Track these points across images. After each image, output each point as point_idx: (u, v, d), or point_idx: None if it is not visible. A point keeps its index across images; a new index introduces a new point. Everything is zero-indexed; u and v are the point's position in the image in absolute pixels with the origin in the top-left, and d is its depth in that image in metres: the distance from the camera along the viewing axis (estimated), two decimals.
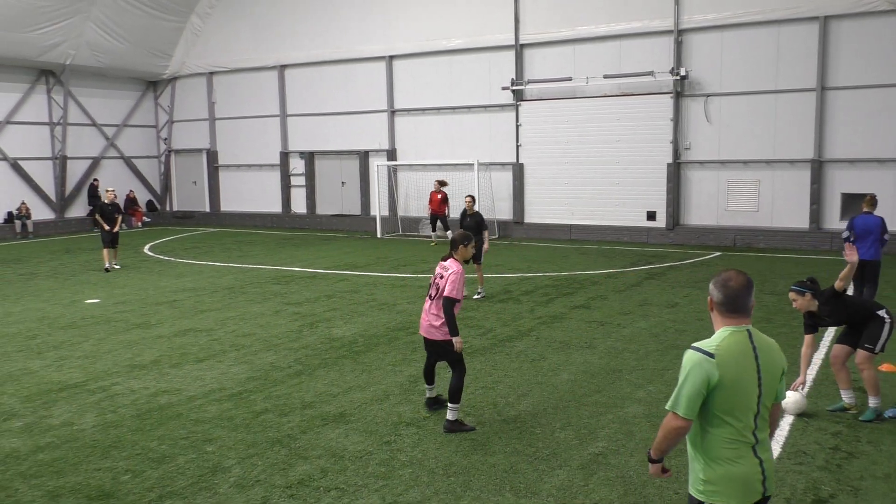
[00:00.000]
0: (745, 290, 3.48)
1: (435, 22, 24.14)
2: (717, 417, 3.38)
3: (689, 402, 3.34)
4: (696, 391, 3.33)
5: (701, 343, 3.43)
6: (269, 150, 28.50)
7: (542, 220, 23.10)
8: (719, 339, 3.43)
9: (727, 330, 3.47)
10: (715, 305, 3.52)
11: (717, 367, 3.33)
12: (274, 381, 8.67)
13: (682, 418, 3.36)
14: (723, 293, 3.48)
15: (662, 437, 3.47)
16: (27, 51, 25.13)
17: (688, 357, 3.40)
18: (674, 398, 3.39)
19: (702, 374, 3.33)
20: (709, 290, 3.57)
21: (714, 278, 3.56)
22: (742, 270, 3.56)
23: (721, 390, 3.34)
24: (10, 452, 6.69)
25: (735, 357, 3.40)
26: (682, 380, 3.37)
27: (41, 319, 12.34)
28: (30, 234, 26.13)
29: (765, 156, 19.97)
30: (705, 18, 20.17)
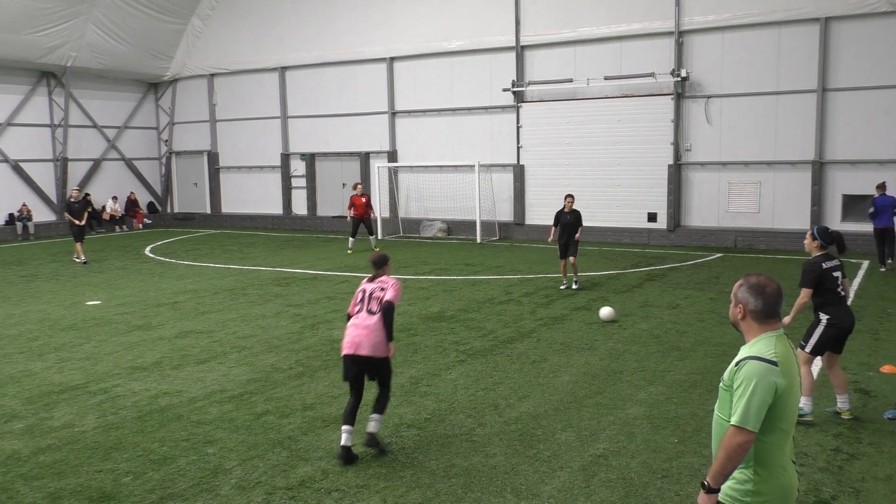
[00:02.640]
0: (780, 294, 3.46)
1: (435, 23, 24.16)
2: (774, 425, 3.31)
3: (760, 414, 3.23)
4: (764, 403, 3.24)
5: (758, 352, 3.33)
6: (269, 152, 28.51)
7: (542, 222, 23.06)
8: (774, 347, 3.35)
9: (771, 336, 3.40)
10: (750, 313, 3.43)
11: (782, 376, 3.28)
12: (275, 383, 8.67)
13: (750, 432, 3.23)
14: (762, 300, 3.41)
15: (727, 457, 3.27)
16: (28, 53, 25.16)
17: (751, 369, 3.28)
18: (742, 413, 3.23)
19: (769, 384, 3.25)
20: (739, 298, 3.47)
21: (744, 286, 3.47)
22: (766, 274, 3.53)
23: (783, 398, 3.29)
24: (12, 454, 6.70)
25: (790, 363, 3.38)
26: (750, 392, 3.23)
27: (42, 321, 12.34)
28: (31, 236, 26.16)
29: (766, 157, 19.97)
30: (706, 20, 20.17)
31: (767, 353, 3.32)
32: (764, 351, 3.33)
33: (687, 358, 9.35)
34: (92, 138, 28.94)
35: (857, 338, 10.17)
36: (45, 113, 27.41)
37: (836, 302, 7.07)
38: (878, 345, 9.87)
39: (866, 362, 9.04)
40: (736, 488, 3.38)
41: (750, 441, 3.24)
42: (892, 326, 10.85)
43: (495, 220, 23.52)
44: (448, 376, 8.80)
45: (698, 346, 9.88)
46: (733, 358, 3.50)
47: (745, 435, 3.22)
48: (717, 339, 10.20)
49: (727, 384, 3.39)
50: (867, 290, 13.71)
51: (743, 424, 3.22)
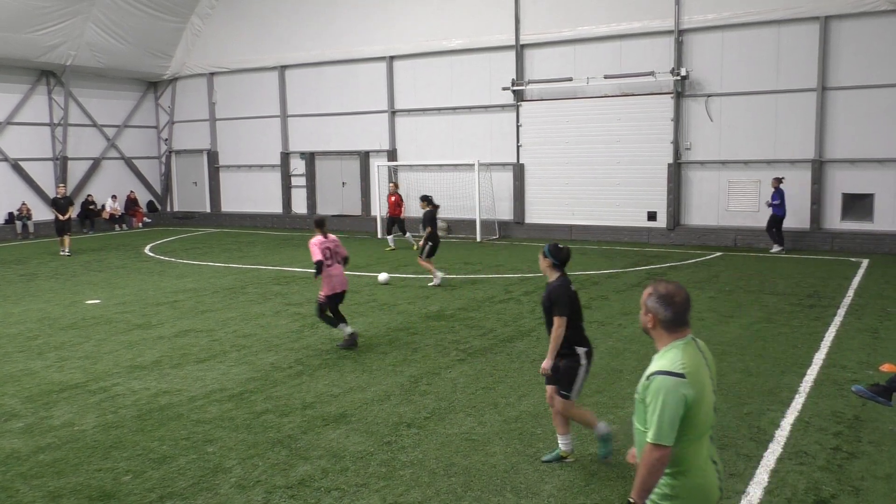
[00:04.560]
0: (688, 302, 3.47)
1: (435, 22, 24.14)
2: (687, 433, 3.33)
3: (673, 428, 3.26)
4: (676, 416, 3.26)
5: (666, 366, 3.33)
6: (269, 151, 28.50)
7: (542, 221, 23.09)
8: (681, 357, 3.36)
9: (679, 345, 3.42)
10: (660, 323, 3.44)
11: (690, 387, 3.29)
12: (275, 382, 8.67)
13: (666, 447, 3.26)
14: (672, 310, 3.42)
15: (648, 473, 3.30)
16: (28, 51, 25.14)
17: (660, 384, 3.29)
18: (657, 430, 3.25)
19: (679, 398, 3.26)
20: (648, 307, 3.46)
21: (653, 295, 3.46)
22: (673, 280, 3.52)
23: (694, 408, 3.31)
24: (11, 453, 6.70)
25: (697, 370, 3.38)
26: (661, 408, 3.25)
27: (42, 320, 12.34)
28: (30, 235, 26.15)
29: (765, 156, 19.96)
30: (706, 18, 20.16)
31: (675, 365, 3.32)
32: (671, 364, 3.33)
33: None
34: (91, 137, 28.92)
35: (857, 336, 10.19)
36: (45, 112, 27.39)
37: (584, 332, 6.21)
38: (877, 343, 9.87)
39: (866, 361, 9.04)
40: (655, 491, 3.40)
41: (667, 455, 3.27)
42: (891, 325, 10.85)
43: (495, 219, 23.51)
44: (448, 375, 8.80)
45: None
46: (732, 357, 3.49)
47: (661, 450, 3.27)
48: (717, 339, 10.20)
49: (641, 397, 3.41)
50: (867, 288, 13.71)
51: (658, 440, 3.26)
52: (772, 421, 7.08)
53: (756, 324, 11.06)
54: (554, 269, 6.17)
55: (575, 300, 6.10)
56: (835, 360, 9.10)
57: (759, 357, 9.25)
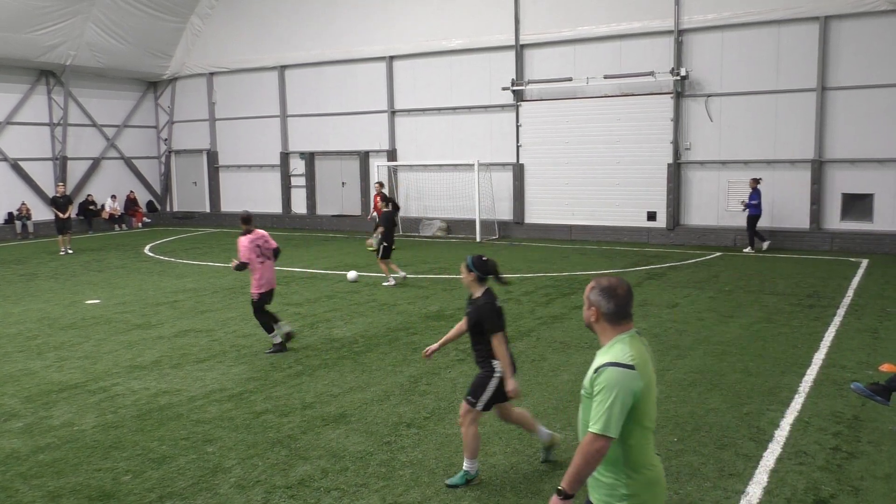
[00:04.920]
0: (630, 294, 3.49)
1: (435, 22, 24.14)
2: (638, 427, 3.34)
3: (620, 420, 3.25)
4: (624, 408, 3.26)
5: (615, 358, 3.32)
6: (269, 151, 28.50)
7: (542, 221, 23.10)
8: (628, 349, 3.37)
9: (624, 338, 3.42)
10: (604, 316, 3.44)
11: (639, 378, 3.30)
12: (274, 382, 8.67)
13: (609, 438, 3.25)
14: (614, 302, 3.42)
15: (585, 463, 3.28)
16: (28, 51, 25.14)
17: (610, 376, 3.27)
18: (604, 420, 3.23)
19: (628, 389, 3.26)
20: (591, 300, 3.46)
21: (596, 288, 3.47)
22: (618, 277, 3.54)
23: (642, 400, 3.32)
24: (11, 453, 6.69)
25: (645, 363, 3.40)
26: (611, 400, 3.23)
27: (42, 320, 12.34)
28: (30, 235, 26.15)
29: (765, 156, 19.96)
30: (705, 19, 20.17)
31: (624, 357, 3.32)
32: (620, 356, 3.33)
33: (686, 357, 9.35)
34: (91, 137, 28.91)
35: (857, 336, 10.19)
36: (45, 112, 27.39)
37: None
38: (877, 343, 9.87)
39: (866, 361, 9.04)
40: (610, 494, 3.39)
41: (607, 447, 3.26)
42: (891, 325, 10.85)
43: (495, 219, 23.52)
44: (447, 375, 8.80)
45: (697, 345, 9.88)
46: (732, 357, 3.50)
47: (603, 441, 3.25)
48: (717, 338, 10.20)
49: (588, 391, 3.39)
50: (867, 288, 13.71)
51: (604, 432, 3.23)
52: (771, 421, 7.08)
53: (756, 324, 11.06)
54: (479, 283, 5.95)
55: (502, 315, 5.90)
56: (834, 360, 9.10)
57: (758, 357, 9.25)
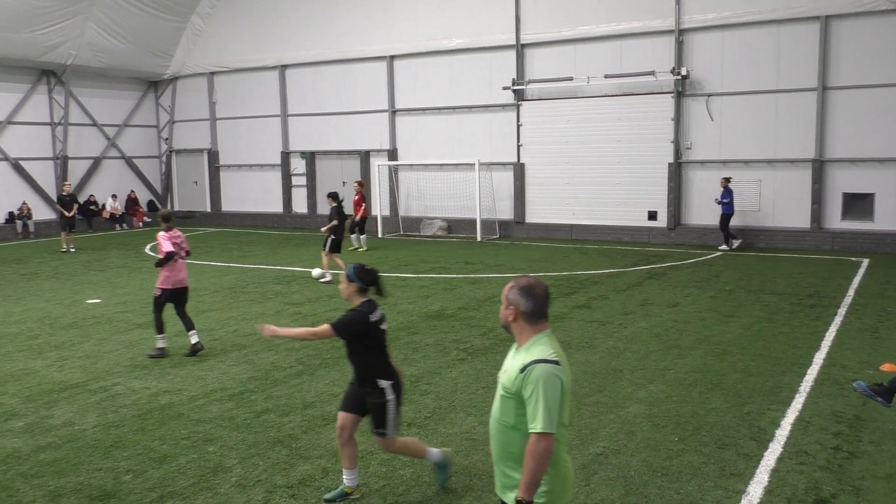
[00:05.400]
0: (548, 294, 3.53)
1: (435, 22, 24.14)
2: (561, 421, 3.39)
3: (557, 415, 3.30)
4: (558, 403, 3.31)
5: (541, 355, 3.37)
6: (270, 150, 28.51)
7: (543, 220, 23.10)
8: (550, 346, 3.42)
9: (543, 337, 3.46)
10: (522, 315, 3.46)
11: (564, 373, 3.38)
12: (275, 381, 8.67)
13: (551, 435, 3.27)
14: (532, 301, 3.45)
15: (539, 465, 3.27)
16: (28, 51, 25.14)
17: (541, 373, 3.31)
18: (545, 418, 3.25)
19: (558, 384, 3.32)
20: (510, 300, 3.48)
21: (514, 288, 3.49)
22: (535, 276, 3.58)
23: (565, 396, 3.39)
24: (12, 452, 6.70)
25: (564, 359, 3.48)
26: (543, 397, 3.26)
27: (42, 319, 12.34)
28: (31, 235, 26.16)
29: (766, 155, 19.96)
30: (706, 18, 20.16)
31: (549, 354, 3.38)
32: (545, 353, 3.38)
33: (687, 356, 9.35)
34: (92, 136, 28.92)
35: (858, 336, 10.19)
36: (45, 111, 27.39)
37: (389, 363, 5.65)
38: (878, 343, 9.87)
39: (867, 360, 9.04)
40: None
41: (553, 443, 3.30)
42: (892, 325, 10.85)
43: (495, 219, 23.52)
44: (448, 374, 8.80)
45: (698, 345, 9.88)
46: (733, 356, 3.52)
47: (548, 438, 3.28)
48: (718, 338, 10.20)
49: (511, 391, 3.40)
50: (867, 288, 13.71)
51: (547, 429, 3.26)
52: (772, 420, 7.08)
53: (757, 323, 11.06)
54: (360, 294, 5.66)
55: (373, 329, 5.52)
56: (835, 359, 9.10)
57: (759, 356, 9.25)
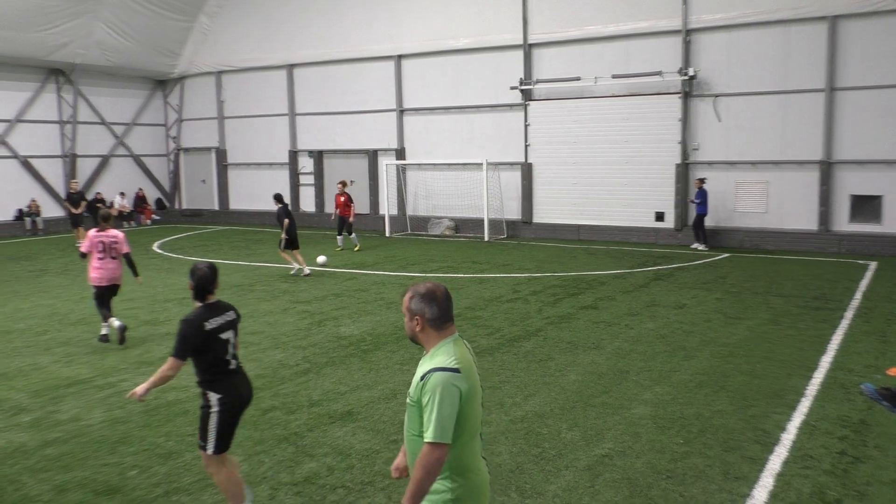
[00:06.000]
0: (450, 297, 3.48)
1: (443, 21, 24.15)
2: (463, 430, 3.30)
3: (451, 425, 3.21)
4: (453, 413, 3.22)
5: (441, 363, 3.29)
6: (277, 149, 28.58)
7: (550, 220, 23.08)
8: (453, 352, 3.35)
9: (449, 342, 3.41)
10: (428, 322, 3.41)
11: (464, 381, 3.28)
12: (282, 379, 8.69)
13: (445, 445, 3.21)
14: (436, 307, 3.40)
15: (427, 474, 3.19)
16: (37, 50, 25.27)
17: (436, 381, 3.23)
18: (436, 428, 3.18)
19: (455, 392, 3.23)
20: (414, 310, 3.42)
21: (415, 297, 3.43)
22: (432, 281, 3.53)
23: (468, 402, 3.30)
24: (19, 447, 6.74)
25: (469, 364, 3.39)
26: (437, 406, 3.19)
27: (51, 315, 12.41)
28: (39, 231, 26.29)
29: (773, 157, 19.89)
30: (713, 18, 20.10)
31: (449, 361, 3.29)
32: (445, 360, 3.30)
33: (693, 358, 9.33)
34: (100, 135, 29.04)
35: (865, 340, 10.15)
36: (54, 110, 27.52)
37: (227, 374, 5.14)
38: (886, 347, 9.82)
39: (874, 364, 9.00)
40: (435, 500, 3.34)
41: (445, 454, 3.23)
42: None
43: (503, 219, 23.51)
44: None
45: (705, 346, 9.86)
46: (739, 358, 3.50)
47: (441, 449, 3.20)
48: (724, 340, 10.18)
49: (414, 399, 3.35)
50: (875, 291, 13.65)
51: (439, 439, 3.19)
52: (777, 424, 7.07)
53: (763, 325, 11.03)
54: (195, 295, 5.08)
55: (210, 338, 4.98)
56: (842, 363, 9.07)
57: (765, 359, 9.23)
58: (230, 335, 5.13)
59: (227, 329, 5.12)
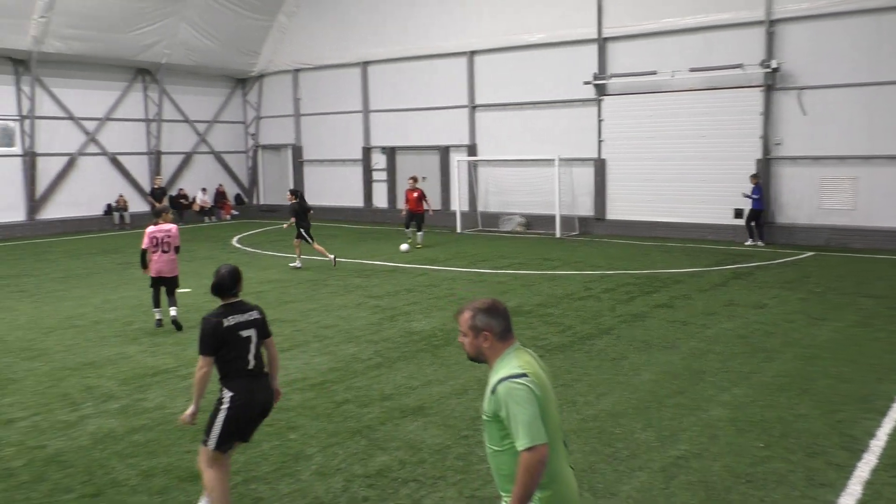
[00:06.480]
0: (507, 308, 3.44)
1: (516, 16, 24.02)
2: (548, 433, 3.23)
3: (539, 425, 3.16)
4: (536, 412, 3.17)
5: (505, 373, 3.26)
6: (351, 146, 29.02)
7: (623, 217, 22.69)
8: (515, 360, 3.31)
9: (510, 352, 3.37)
10: (494, 337, 3.37)
11: (534, 385, 3.23)
12: (355, 373, 8.83)
13: (542, 446, 3.14)
14: (501, 319, 3.38)
15: (531, 478, 3.13)
16: (126, 51, 26.41)
17: (507, 389, 3.20)
18: (526, 432, 3.13)
19: (531, 395, 3.19)
20: (480, 326, 3.36)
21: (478, 314, 3.38)
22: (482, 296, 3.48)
23: (542, 407, 3.23)
24: (109, 432, 7.05)
25: (535, 370, 3.33)
26: (518, 411, 3.16)
27: (137, 307, 12.92)
28: (127, 226, 27.43)
29: (862, 151, 19.00)
30: (799, 8, 19.34)
31: (514, 369, 3.26)
32: (510, 369, 3.26)
33: (774, 360, 9.02)
34: (183, 132, 30.11)
35: None
36: (141, 108, 28.67)
37: (244, 374, 5.13)
38: None
39: None
40: None
41: (546, 453, 3.15)
42: None
43: (575, 215, 23.24)
44: None
45: (787, 348, 9.52)
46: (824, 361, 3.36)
47: (539, 450, 3.13)
48: (808, 341, 9.81)
49: (489, 415, 3.30)
50: None
51: (532, 442, 3.12)
52: (866, 430, 6.76)
53: (850, 327, 10.57)
54: (214, 295, 5.22)
55: (228, 335, 5.06)
56: None
57: (852, 362, 8.84)
58: (251, 333, 5.17)
59: (248, 327, 5.17)
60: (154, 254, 11.05)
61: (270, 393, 5.32)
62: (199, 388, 5.12)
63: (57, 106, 26.19)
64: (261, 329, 5.25)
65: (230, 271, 5.30)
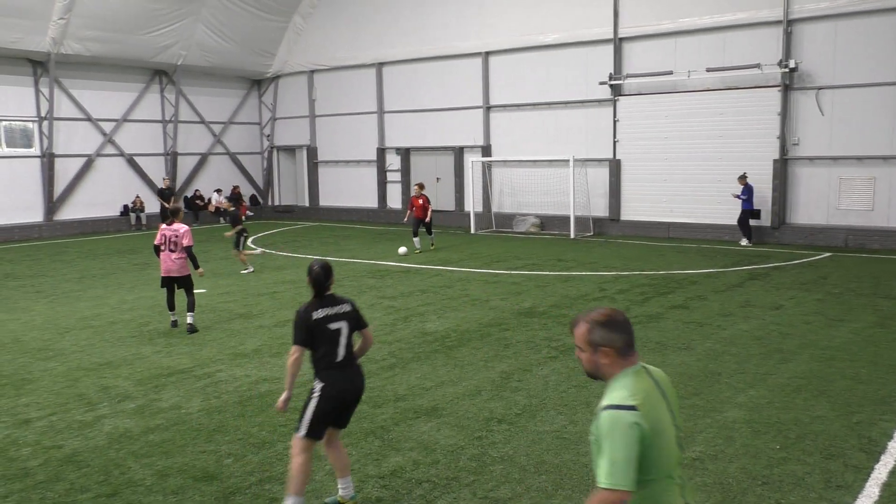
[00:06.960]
0: (629, 320, 3.11)
1: (531, 17, 23.98)
2: (651, 471, 2.92)
3: (629, 469, 2.82)
4: (633, 455, 2.84)
5: (616, 399, 2.92)
6: (366, 147, 29.08)
7: (638, 218, 22.60)
8: (631, 387, 2.96)
9: (628, 374, 3.03)
10: (615, 353, 3.03)
11: (643, 419, 2.88)
12: (368, 373, 8.76)
13: (623, 492, 2.80)
14: (622, 331, 3.04)
15: None
16: (143, 52, 26.63)
17: (608, 420, 2.87)
18: (609, 472, 2.80)
19: (633, 433, 2.84)
20: (599, 341, 3.02)
21: (596, 328, 3.04)
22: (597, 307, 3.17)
23: (651, 443, 2.90)
24: (125, 432, 7.10)
25: (651, 401, 2.98)
26: (612, 447, 2.83)
27: (153, 307, 13.01)
28: (143, 227, 27.64)
29: (881, 151, 18.81)
30: (818, 7, 19.17)
31: (625, 397, 2.92)
32: (621, 396, 2.93)
33: (791, 361, 8.94)
34: (199, 133, 30.31)
35: None
36: (157, 109, 28.89)
37: (333, 365, 5.32)
38: None
39: None
40: None
41: (625, 500, 2.82)
42: None
43: (590, 216, 23.17)
44: (539, 372, 8.74)
45: (803, 349, 9.43)
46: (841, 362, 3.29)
47: (617, 495, 2.80)
48: (825, 343, 9.71)
49: (595, 436, 2.98)
50: None
51: (613, 486, 2.80)
52: (884, 432, 6.68)
53: (868, 329, 10.46)
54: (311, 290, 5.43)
55: (316, 328, 5.27)
56: None
57: (870, 364, 8.75)
58: (341, 326, 5.34)
59: (338, 320, 5.35)
60: (163, 252, 11.27)
61: (361, 379, 5.52)
62: (291, 373, 5.34)
63: (75, 107, 26.46)
64: (353, 321, 5.43)
65: (323, 266, 5.48)
